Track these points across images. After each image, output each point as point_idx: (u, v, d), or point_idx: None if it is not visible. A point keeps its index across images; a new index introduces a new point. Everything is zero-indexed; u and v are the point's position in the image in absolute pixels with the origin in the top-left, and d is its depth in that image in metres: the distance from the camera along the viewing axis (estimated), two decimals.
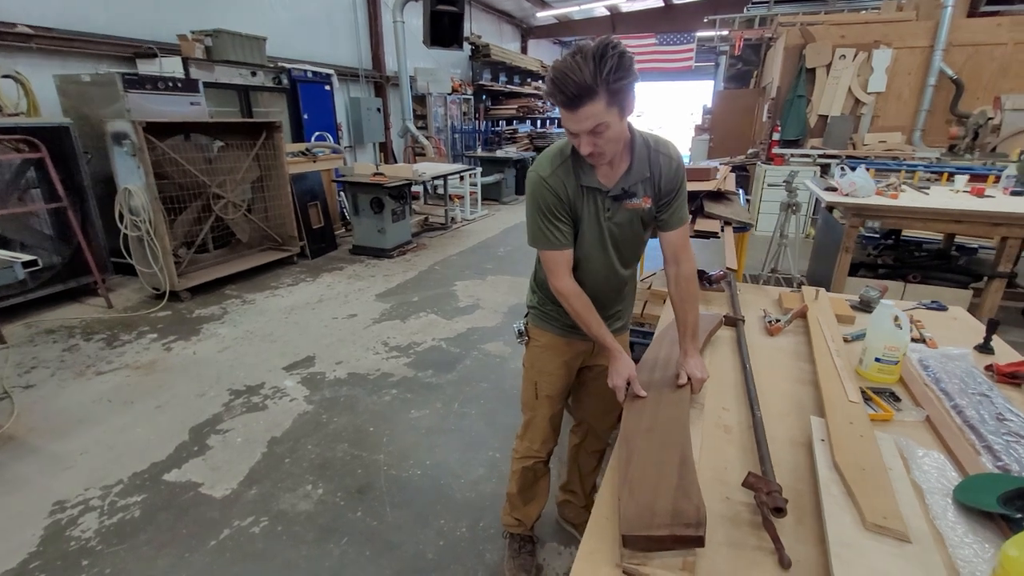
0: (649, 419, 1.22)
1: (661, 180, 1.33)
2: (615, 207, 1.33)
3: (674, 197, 1.36)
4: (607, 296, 1.49)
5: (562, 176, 1.30)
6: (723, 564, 0.90)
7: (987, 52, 5.55)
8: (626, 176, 1.30)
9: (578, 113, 1.10)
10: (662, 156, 1.33)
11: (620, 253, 1.42)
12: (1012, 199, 3.42)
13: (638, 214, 1.35)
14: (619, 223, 1.35)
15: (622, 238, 1.39)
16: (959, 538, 0.94)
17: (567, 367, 1.59)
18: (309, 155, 5.74)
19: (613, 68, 1.05)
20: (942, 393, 1.42)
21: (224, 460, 2.33)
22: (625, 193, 1.31)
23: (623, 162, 1.30)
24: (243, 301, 4.30)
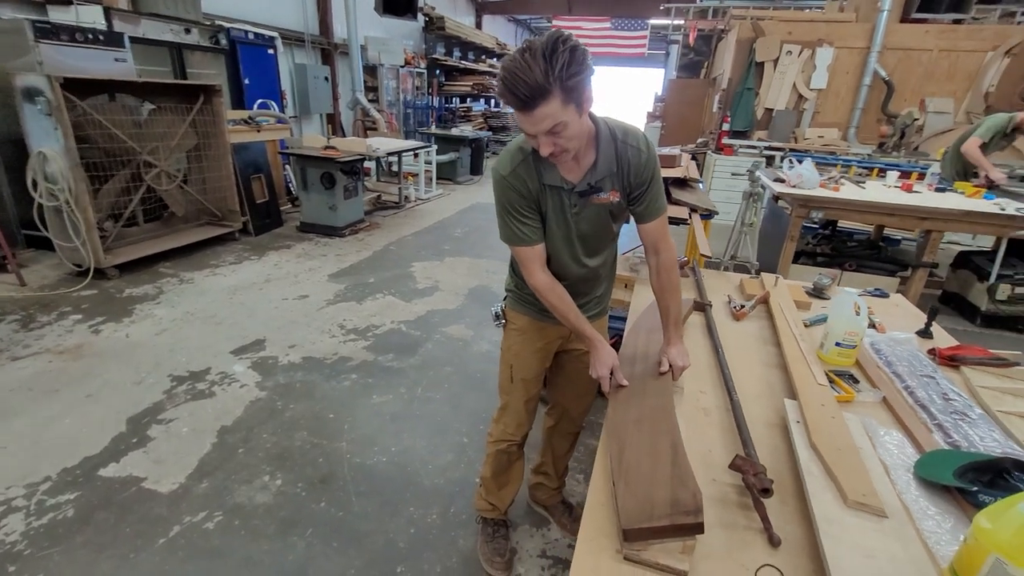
0: (636, 409, 1.23)
1: (630, 173, 1.28)
2: (582, 203, 1.29)
3: (647, 189, 1.31)
4: (582, 285, 1.48)
5: (523, 174, 1.27)
6: (717, 544, 0.92)
7: (916, 57, 5.98)
8: (592, 171, 1.25)
9: (533, 115, 1.05)
10: (631, 148, 1.27)
11: (587, 246, 1.40)
12: (936, 195, 3.72)
13: (606, 208, 1.32)
14: (587, 218, 1.33)
15: (591, 232, 1.37)
16: (922, 511, 1.01)
17: (544, 351, 1.58)
18: (252, 124, 5.35)
19: (566, 64, 1.00)
20: (894, 375, 1.52)
21: (169, 452, 2.16)
22: (591, 189, 1.27)
23: (588, 156, 1.25)
24: (180, 280, 3.98)
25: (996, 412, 1.33)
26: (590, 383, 1.66)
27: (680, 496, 0.92)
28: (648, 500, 0.93)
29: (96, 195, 3.86)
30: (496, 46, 13.68)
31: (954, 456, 1.13)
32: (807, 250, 4.32)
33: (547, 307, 1.37)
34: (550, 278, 1.36)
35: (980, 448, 1.18)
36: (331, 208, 5.25)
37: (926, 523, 0.98)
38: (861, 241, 4.51)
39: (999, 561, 0.76)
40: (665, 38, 13.46)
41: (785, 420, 1.28)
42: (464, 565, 1.72)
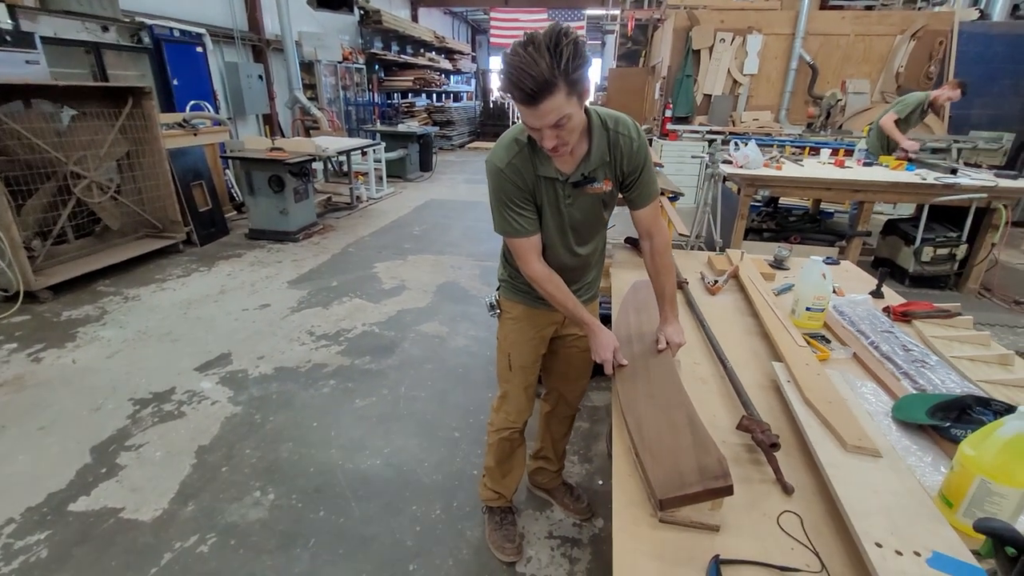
0: (645, 386, 1.28)
1: (623, 161, 1.31)
2: (575, 193, 1.32)
3: (640, 175, 1.34)
4: (574, 272, 1.50)
5: (519, 166, 1.28)
6: (738, 499, 0.99)
7: (835, 41, 6.43)
8: (585, 161, 1.27)
9: (539, 108, 1.06)
10: (622, 137, 1.29)
11: (580, 235, 1.42)
12: (865, 169, 4.06)
13: (600, 198, 1.35)
14: (580, 208, 1.35)
15: (583, 221, 1.39)
16: (905, 449, 1.13)
17: (539, 337, 1.60)
18: (188, 127, 5.02)
19: (571, 57, 1.01)
20: (859, 333, 1.66)
21: (145, 479, 2.04)
22: (585, 179, 1.29)
23: (581, 147, 1.27)
24: (124, 298, 3.71)
25: (949, 358, 1.49)
26: (584, 367, 1.72)
27: (706, 463, 0.99)
28: (676, 470, 0.98)
29: (19, 212, 3.52)
30: (434, 39, 13.48)
31: (924, 399, 1.26)
32: (753, 227, 4.59)
33: (544, 296, 1.39)
34: (546, 268, 1.38)
35: (943, 390, 1.32)
36: (282, 212, 5.03)
37: (909, 459, 1.10)
38: (801, 215, 4.83)
39: (984, 481, 0.88)
40: (601, 28, 13.74)
41: (775, 382, 1.38)
42: (475, 555, 1.74)
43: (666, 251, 1.46)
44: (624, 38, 9.32)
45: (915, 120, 4.39)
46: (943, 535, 0.84)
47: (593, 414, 2.51)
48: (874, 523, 0.86)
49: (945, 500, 0.94)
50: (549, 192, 1.32)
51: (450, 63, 15.07)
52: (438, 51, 14.17)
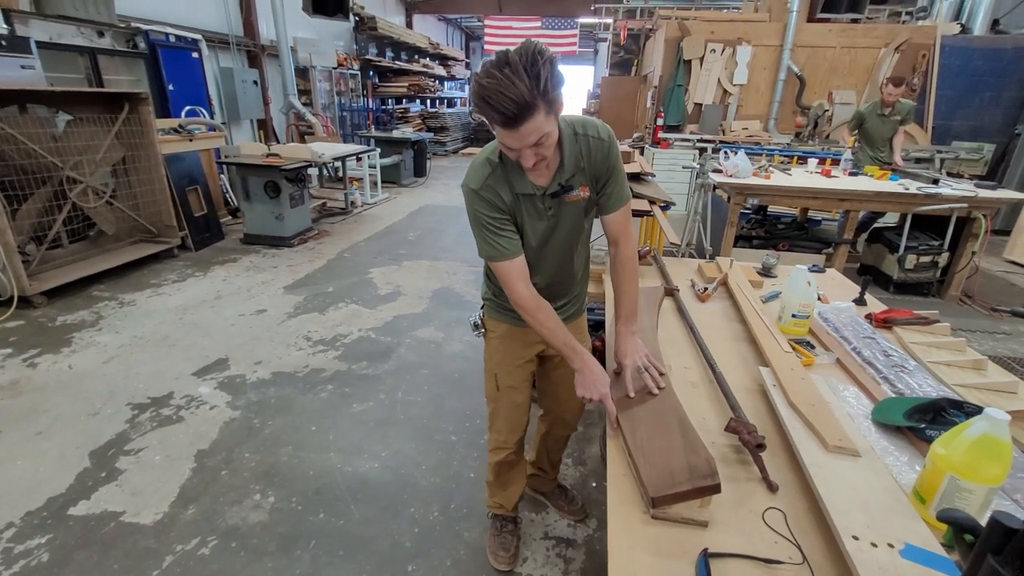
0: (638, 392, 1.34)
1: (595, 164, 1.29)
2: (555, 205, 1.30)
3: (610, 178, 1.32)
4: (560, 286, 1.49)
5: (494, 186, 1.25)
6: (726, 496, 1.05)
7: (822, 53, 6.59)
8: (560, 171, 1.25)
9: (520, 131, 1.05)
10: (591, 140, 1.27)
11: (565, 247, 1.40)
12: (851, 179, 4.16)
13: (580, 205, 1.33)
14: (562, 219, 1.33)
15: (566, 233, 1.37)
16: (884, 449, 1.19)
17: (527, 356, 1.57)
18: (184, 133, 5.04)
19: (548, 77, 1.02)
20: (842, 339, 1.73)
21: (145, 482, 2.06)
22: (563, 188, 1.27)
23: (554, 158, 1.24)
24: (120, 303, 3.72)
25: (927, 363, 1.56)
26: None
27: (695, 463, 1.04)
28: (667, 470, 1.04)
29: (14, 216, 3.52)
30: (429, 45, 13.58)
31: (901, 402, 1.33)
32: (743, 234, 4.69)
33: (532, 326, 1.32)
34: (534, 295, 1.31)
35: (920, 393, 1.39)
36: (277, 218, 5.06)
37: (887, 459, 1.16)
38: (789, 223, 4.94)
39: (953, 478, 0.94)
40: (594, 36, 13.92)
41: (762, 386, 1.45)
42: (473, 556, 1.78)
43: (631, 261, 1.43)
44: (616, 47, 9.46)
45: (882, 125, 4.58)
46: (915, 529, 0.90)
47: (586, 418, 2.56)
48: (852, 518, 0.92)
49: (919, 496, 1.00)
50: (529, 208, 1.29)
51: (444, 69, 15.17)
52: (432, 57, 14.27)
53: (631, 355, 1.35)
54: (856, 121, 4.71)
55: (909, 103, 4.56)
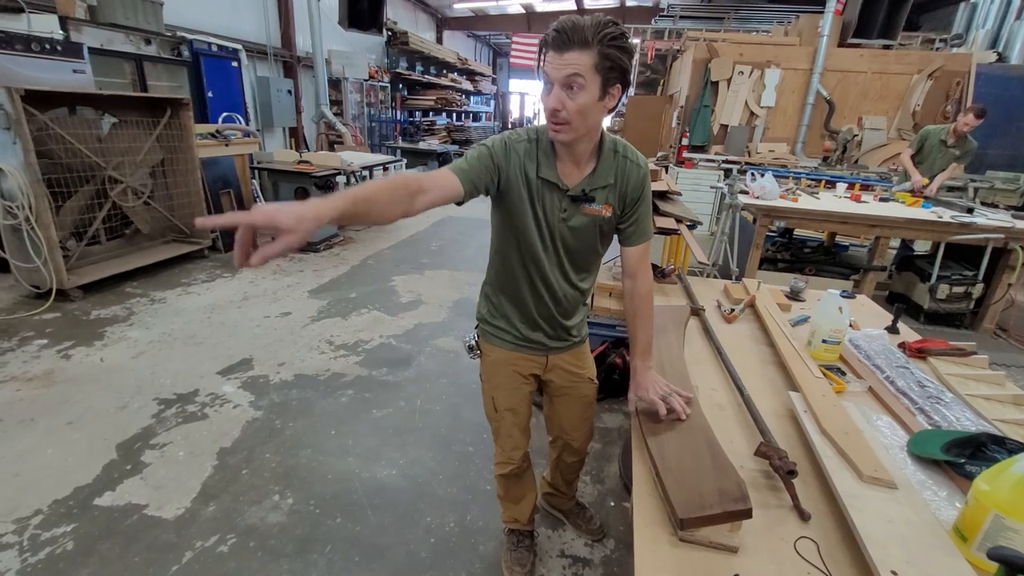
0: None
1: (628, 188, 1.27)
2: (572, 209, 1.25)
3: (638, 208, 1.30)
4: (562, 307, 1.40)
5: (521, 153, 1.22)
6: (756, 523, 1.02)
7: (852, 78, 6.53)
8: (590, 178, 1.24)
9: (564, 56, 1.05)
10: (631, 164, 1.27)
11: (574, 260, 1.34)
12: (881, 204, 4.09)
13: (596, 222, 1.28)
14: (574, 227, 1.27)
15: (575, 245, 1.31)
16: (920, 483, 1.16)
17: (523, 379, 1.52)
18: (220, 138, 5.21)
19: (611, 35, 1.04)
20: (874, 367, 1.69)
21: (168, 477, 2.09)
22: (584, 196, 1.24)
23: (589, 164, 1.24)
24: (151, 300, 3.82)
25: (964, 395, 1.52)
26: (583, 412, 1.63)
27: (725, 486, 1.02)
28: (696, 491, 1.02)
29: (58, 212, 3.66)
30: (457, 61, 13.84)
31: (939, 435, 1.29)
32: (768, 256, 4.63)
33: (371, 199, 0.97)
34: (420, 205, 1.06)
35: (958, 427, 1.35)
36: None
37: (925, 493, 1.12)
38: (815, 247, 4.87)
39: (998, 516, 0.90)
40: None
41: (792, 411, 1.42)
42: (488, 571, 1.76)
43: (648, 296, 1.40)
44: (643, 66, 9.51)
45: (937, 154, 4.41)
46: (957, 567, 0.87)
47: (605, 435, 2.53)
48: (890, 552, 0.90)
49: (960, 534, 0.97)
50: (545, 198, 1.25)
51: (471, 84, 15.43)
52: (460, 72, 14.53)
53: (651, 388, 1.32)
54: (920, 140, 4.45)
55: (973, 143, 4.35)
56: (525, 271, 1.35)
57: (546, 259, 1.31)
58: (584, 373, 1.58)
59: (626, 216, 1.31)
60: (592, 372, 1.61)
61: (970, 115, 4.18)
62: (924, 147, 4.46)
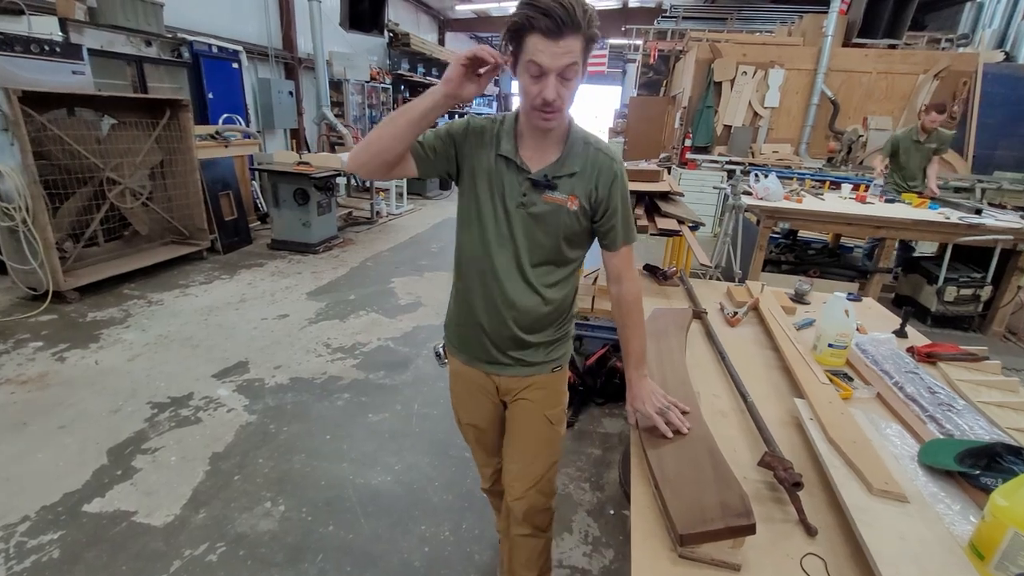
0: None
1: (598, 181, 1.15)
2: (533, 194, 1.13)
3: (612, 205, 1.17)
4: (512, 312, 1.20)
5: (482, 132, 1.16)
6: (760, 537, 0.97)
7: (857, 78, 6.47)
8: (555, 165, 1.13)
9: (560, 44, 0.95)
10: (602, 155, 1.16)
11: (531, 254, 1.18)
12: (887, 206, 4.03)
13: (561, 214, 1.14)
14: (534, 215, 1.14)
15: (535, 236, 1.16)
16: (933, 496, 1.10)
17: (482, 396, 1.36)
18: (220, 139, 5.19)
19: (592, 16, 0.98)
20: (882, 372, 1.63)
21: (159, 483, 2.05)
22: (547, 182, 1.12)
23: (555, 150, 1.14)
24: (148, 302, 3.79)
25: (977, 402, 1.46)
26: (531, 459, 1.34)
27: (727, 499, 0.97)
28: (697, 505, 0.97)
29: (55, 214, 3.64)
30: None
31: (951, 444, 1.23)
32: (771, 258, 4.56)
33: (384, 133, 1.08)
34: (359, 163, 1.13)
35: (971, 435, 1.29)
36: (304, 225, 5.14)
37: (937, 506, 1.07)
38: (820, 249, 4.80)
39: (1017, 534, 0.85)
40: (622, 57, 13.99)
41: (797, 418, 1.37)
42: None
43: (636, 302, 1.27)
44: (646, 67, 9.47)
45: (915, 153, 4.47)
46: None
47: (605, 441, 2.48)
48: (902, 572, 0.85)
49: (976, 551, 0.91)
50: (500, 177, 1.14)
51: None
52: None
53: (648, 400, 1.23)
54: (890, 147, 4.59)
55: (947, 133, 4.43)
56: (477, 264, 1.20)
57: (498, 247, 1.17)
58: (540, 410, 1.32)
59: (601, 215, 1.18)
60: (555, 412, 1.35)
61: (932, 112, 4.27)
62: (899, 151, 4.54)
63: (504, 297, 1.20)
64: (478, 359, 1.30)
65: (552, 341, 1.30)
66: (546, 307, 1.23)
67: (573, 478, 2.22)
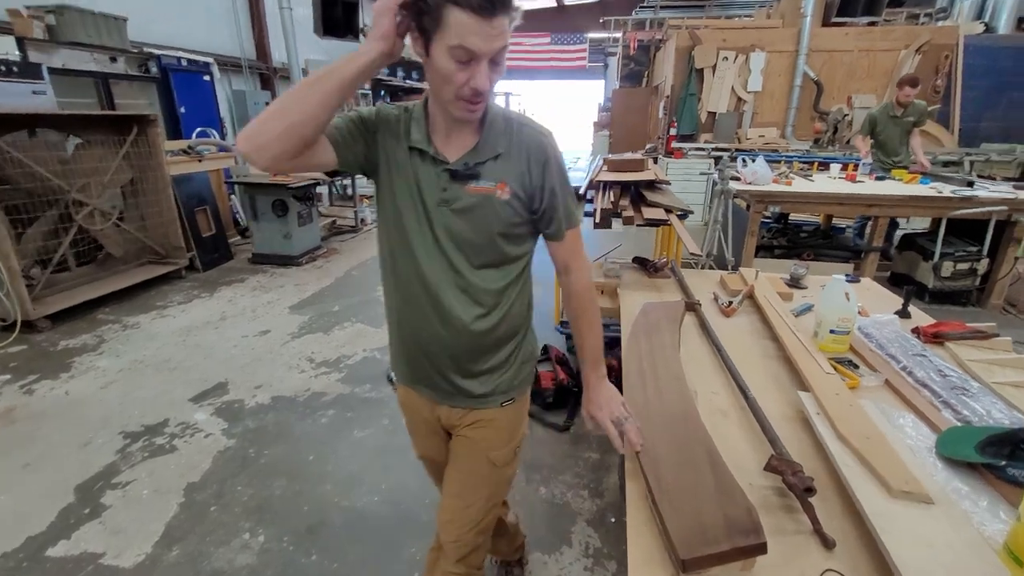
0: (660, 419, 1.17)
1: (528, 161, 0.98)
2: (454, 188, 0.96)
3: (554, 190, 1.02)
4: (451, 332, 1.03)
5: (392, 122, 1.00)
6: (771, 554, 0.87)
7: (839, 57, 6.41)
8: (474, 151, 0.97)
9: (493, 23, 0.81)
10: (528, 130, 1.00)
11: (465, 258, 1.00)
12: (878, 183, 3.95)
13: (492, 206, 0.97)
14: (460, 211, 0.97)
15: (465, 237, 0.99)
16: (955, 491, 1.00)
17: (426, 427, 1.20)
18: (193, 154, 5.05)
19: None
20: (889, 357, 1.53)
21: (129, 520, 1.93)
22: (468, 171, 0.96)
23: (472, 134, 0.97)
24: (123, 326, 3.65)
25: (991, 384, 1.37)
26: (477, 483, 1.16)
27: (733, 514, 0.87)
28: (699, 521, 0.86)
29: (19, 240, 3.49)
30: None
31: (970, 432, 1.13)
32: (764, 243, 4.48)
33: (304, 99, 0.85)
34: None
35: (989, 421, 1.20)
36: (285, 237, 5.00)
37: (963, 504, 0.97)
38: (812, 231, 4.72)
39: None
40: (603, 51, 13.93)
41: (801, 413, 1.27)
42: None
43: (587, 292, 1.12)
44: (627, 59, 9.40)
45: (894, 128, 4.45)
46: None
47: (603, 443, 2.38)
48: None
49: (1012, 556, 0.81)
50: (416, 173, 0.98)
51: None
52: None
53: (606, 406, 1.10)
54: (868, 125, 4.55)
55: (922, 104, 4.41)
56: (403, 274, 1.03)
57: (425, 253, 1.00)
58: (483, 451, 1.13)
59: (539, 201, 1.02)
60: (502, 453, 1.15)
61: (905, 87, 4.27)
62: (877, 128, 4.51)
63: (438, 311, 1.02)
64: (420, 383, 1.13)
65: (501, 366, 1.10)
66: (489, 321, 1.04)
67: (571, 485, 2.11)
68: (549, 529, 1.90)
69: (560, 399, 2.60)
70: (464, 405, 1.12)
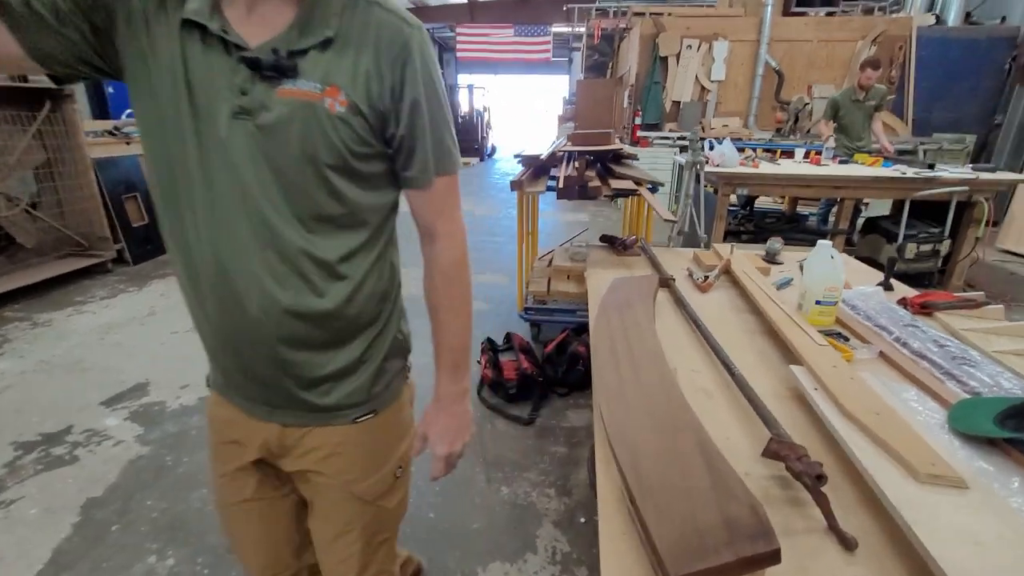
0: (638, 403, 0.97)
1: (380, 59, 0.64)
2: (257, 89, 0.61)
3: (418, 107, 0.68)
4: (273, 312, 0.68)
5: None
6: (783, 561, 0.68)
7: (799, 47, 6.46)
8: (290, 32, 0.62)
9: None
10: (384, 13, 0.65)
11: (283, 204, 0.65)
12: (843, 167, 3.92)
13: (315, 123, 0.63)
14: (268, 127, 0.62)
15: (283, 167, 0.64)
16: (979, 471, 0.84)
17: (237, 451, 0.82)
18: (120, 135, 4.59)
19: None
20: (879, 328, 1.39)
21: (9, 545, 1.60)
22: (278, 62, 0.61)
23: (288, 7, 0.63)
24: (32, 324, 3.23)
25: (992, 352, 1.24)
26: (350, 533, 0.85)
27: (734, 513, 0.67)
28: (692, 526, 0.66)
29: None
30: None
31: (984, 404, 0.99)
32: (731, 229, 4.41)
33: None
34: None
35: (998, 391, 1.06)
36: None
37: (992, 486, 0.81)
38: (778, 217, 4.69)
39: None
40: (567, 44, 13.85)
41: (795, 390, 1.10)
42: None
43: (455, 270, 0.81)
44: (591, 49, 9.30)
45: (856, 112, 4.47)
46: None
47: (571, 436, 2.19)
48: None
49: None
50: (195, 63, 0.61)
51: None
52: None
53: (452, 438, 0.86)
54: (831, 110, 4.57)
55: (883, 88, 4.50)
56: (182, 234, 0.66)
57: (210, 202, 0.64)
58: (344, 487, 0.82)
59: (394, 120, 0.68)
60: (374, 481, 0.84)
61: (868, 69, 4.29)
62: (840, 112, 4.53)
63: (235, 289, 0.66)
64: (232, 389, 0.80)
65: (352, 369, 0.77)
66: (324, 303, 0.70)
67: (536, 484, 1.91)
68: (512, 534, 1.68)
69: (524, 391, 2.40)
70: (298, 422, 0.78)
